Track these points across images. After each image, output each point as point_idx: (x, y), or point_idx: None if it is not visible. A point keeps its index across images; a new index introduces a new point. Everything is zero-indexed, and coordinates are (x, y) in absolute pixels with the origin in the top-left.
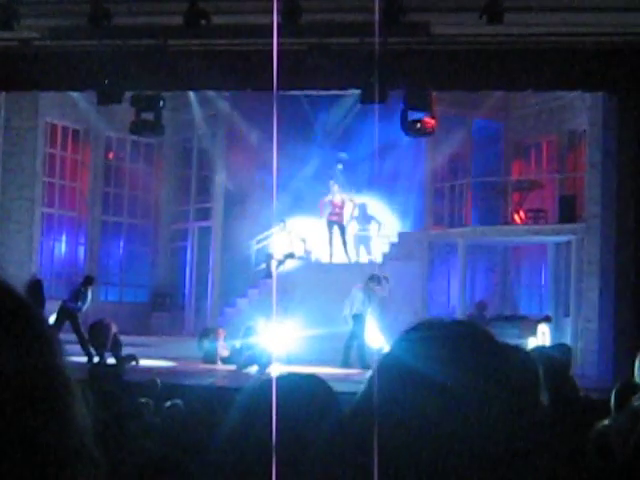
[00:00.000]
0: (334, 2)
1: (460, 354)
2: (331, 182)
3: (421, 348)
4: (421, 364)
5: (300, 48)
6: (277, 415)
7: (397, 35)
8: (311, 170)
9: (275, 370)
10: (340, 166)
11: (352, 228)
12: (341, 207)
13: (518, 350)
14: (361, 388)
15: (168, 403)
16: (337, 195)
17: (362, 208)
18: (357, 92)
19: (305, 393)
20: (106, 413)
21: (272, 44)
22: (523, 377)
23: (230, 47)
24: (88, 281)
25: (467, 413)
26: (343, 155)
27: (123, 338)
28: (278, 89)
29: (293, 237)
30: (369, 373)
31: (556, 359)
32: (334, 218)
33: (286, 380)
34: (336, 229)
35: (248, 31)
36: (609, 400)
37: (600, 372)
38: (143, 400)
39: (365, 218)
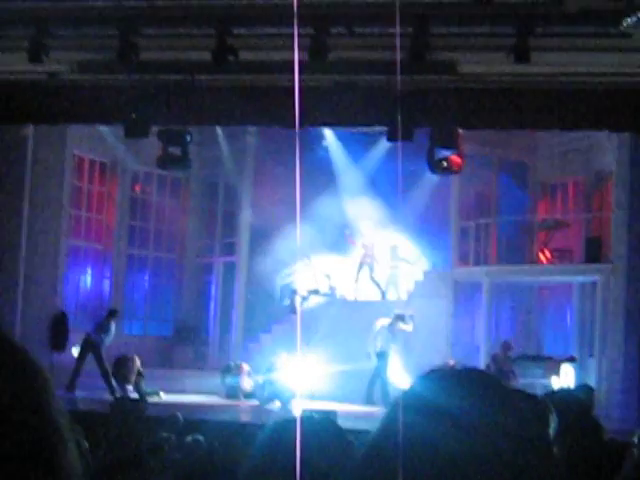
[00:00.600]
0: (361, 39)
1: (474, 394)
2: (362, 223)
3: (439, 386)
4: (441, 400)
5: (327, 85)
6: (299, 454)
7: (424, 73)
8: (338, 206)
9: (297, 406)
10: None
11: (382, 268)
12: (372, 248)
13: (528, 396)
14: (378, 425)
15: (189, 438)
16: (368, 237)
17: (394, 250)
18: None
19: (326, 433)
20: (127, 448)
21: (294, 79)
22: (531, 423)
23: (257, 83)
24: (112, 314)
25: (484, 450)
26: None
27: (146, 371)
28: (300, 126)
29: (317, 273)
30: (386, 410)
31: (579, 400)
32: (367, 261)
33: (307, 420)
34: (365, 269)
35: (275, 67)
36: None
37: (624, 413)
38: (164, 435)
39: (396, 258)
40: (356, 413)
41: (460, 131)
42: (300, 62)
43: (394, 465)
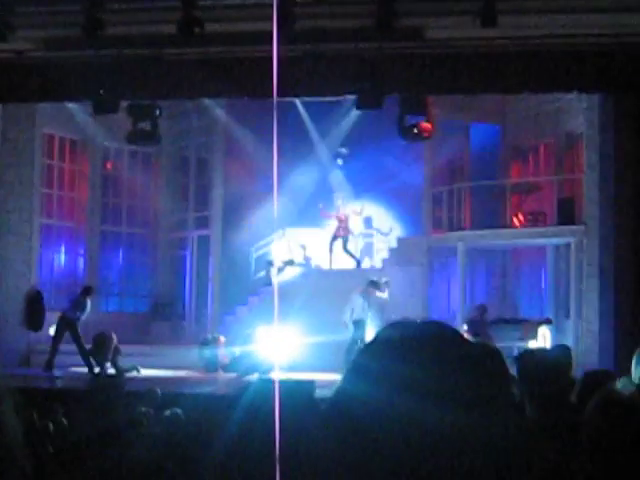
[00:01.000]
0: (328, 8)
1: (427, 350)
2: (335, 195)
3: (390, 348)
4: (390, 362)
5: (295, 55)
6: (278, 417)
7: (391, 40)
8: (310, 178)
9: (275, 377)
10: (340, 161)
11: (356, 239)
12: (346, 221)
13: (485, 345)
14: (336, 384)
15: (168, 412)
16: (341, 209)
17: (367, 221)
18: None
19: (303, 397)
20: (106, 423)
21: (272, 51)
22: (491, 365)
23: (226, 55)
24: (87, 291)
25: (435, 407)
26: (343, 150)
27: (124, 348)
28: (267, 96)
29: (292, 244)
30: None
31: (556, 359)
32: (340, 233)
33: (285, 384)
34: (339, 241)
35: (243, 38)
36: None
37: None
38: (143, 409)
39: (369, 229)
40: (334, 382)
41: (429, 97)
42: (268, 32)
43: (345, 434)
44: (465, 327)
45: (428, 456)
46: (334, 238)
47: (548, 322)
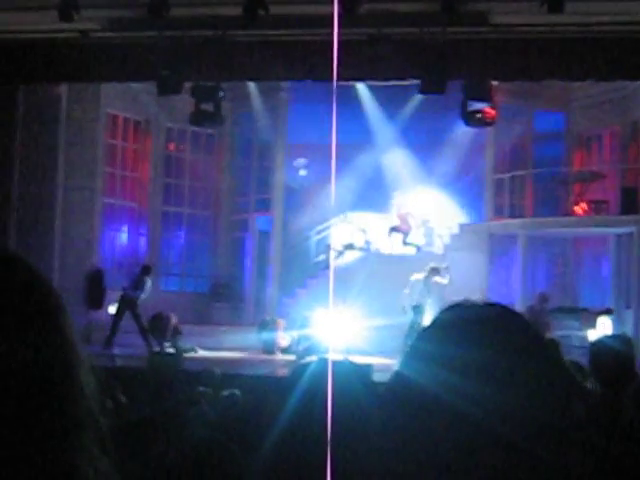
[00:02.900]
0: None
1: (488, 333)
2: (394, 194)
3: (451, 330)
4: (449, 345)
5: (359, 38)
6: (333, 399)
7: (456, 25)
8: (372, 162)
9: (334, 357)
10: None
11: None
12: (406, 219)
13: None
14: (395, 366)
15: (226, 392)
16: (401, 207)
17: (425, 224)
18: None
19: (361, 379)
20: (164, 402)
21: (332, 34)
22: (553, 352)
23: (289, 37)
24: (146, 270)
25: (494, 391)
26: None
27: (183, 328)
28: (337, 80)
29: (353, 228)
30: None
31: (620, 352)
32: (403, 227)
33: (342, 366)
34: (399, 235)
35: (307, 21)
36: None
37: None
38: (201, 389)
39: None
40: (392, 367)
41: (493, 83)
42: (332, 15)
43: (402, 418)
44: (525, 315)
45: (487, 440)
46: (394, 229)
47: (608, 312)
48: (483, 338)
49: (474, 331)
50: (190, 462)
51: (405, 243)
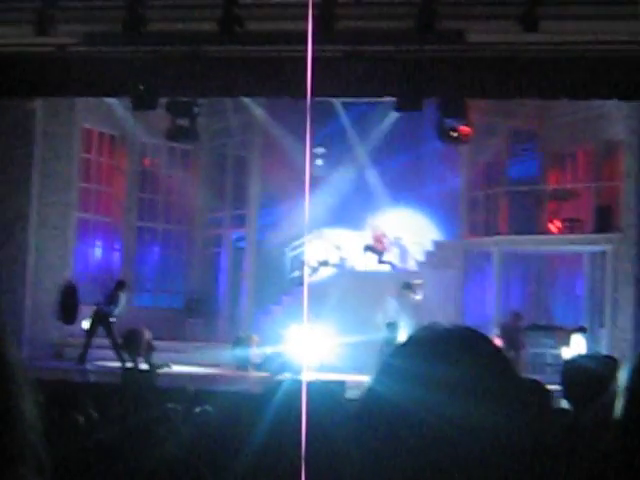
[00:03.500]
0: (369, 10)
1: (457, 350)
2: (370, 215)
3: (422, 348)
4: (421, 362)
5: (335, 55)
6: (306, 417)
7: (432, 43)
8: (347, 179)
9: (306, 377)
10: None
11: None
12: (382, 239)
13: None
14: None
15: (198, 409)
16: (377, 230)
17: (397, 243)
18: (392, 100)
19: (333, 397)
20: (136, 419)
21: (306, 51)
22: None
23: (265, 54)
24: (121, 285)
25: (465, 406)
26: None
27: (157, 344)
28: (312, 97)
29: (328, 245)
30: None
31: (594, 371)
32: (378, 247)
33: (315, 385)
34: (373, 255)
35: (282, 38)
36: None
37: None
38: (173, 406)
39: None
40: (366, 384)
41: (469, 101)
42: (308, 32)
43: (377, 428)
44: (498, 332)
45: (459, 454)
46: (369, 248)
47: (582, 330)
48: (452, 355)
49: (443, 349)
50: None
51: (380, 262)
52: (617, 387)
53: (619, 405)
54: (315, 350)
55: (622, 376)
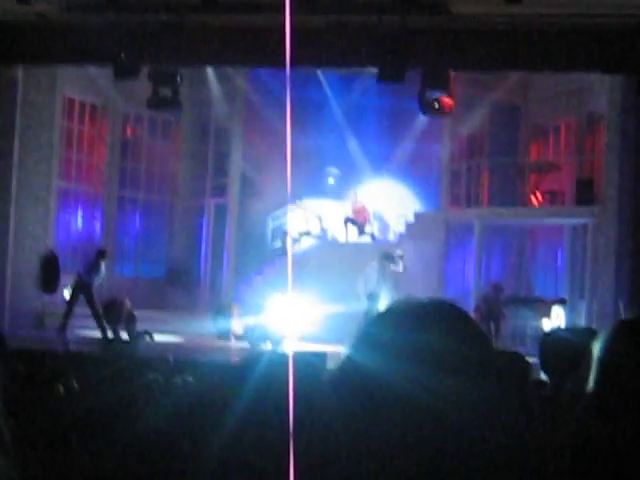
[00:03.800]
0: None
1: (433, 321)
2: (350, 193)
3: (398, 318)
4: (397, 332)
5: (318, 25)
6: (287, 388)
7: (416, 13)
8: (330, 150)
9: (288, 348)
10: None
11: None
12: (363, 211)
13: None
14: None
15: (178, 379)
16: (359, 203)
17: (378, 216)
18: (374, 71)
19: (314, 369)
20: (117, 389)
21: (284, 20)
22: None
23: (247, 23)
24: (101, 254)
25: (438, 374)
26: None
27: (138, 313)
28: (292, 66)
29: (309, 215)
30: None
31: (572, 343)
32: (359, 219)
33: (296, 356)
34: (354, 227)
35: (265, 7)
36: None
37: None
38: (154, 376)
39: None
40: (343, 353)
41: (452, 72)
42: (291, 2)
43: (352, 400)
44: (478, 303)
45: (431, 420)
46: (350, 220)
47: (562, 302)
48: (428, 327)
49: (420, 320)
50: (138, 455)
51: (361, 234)
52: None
53: (592, 376)
54: (296, 320)
55: (595, 348)
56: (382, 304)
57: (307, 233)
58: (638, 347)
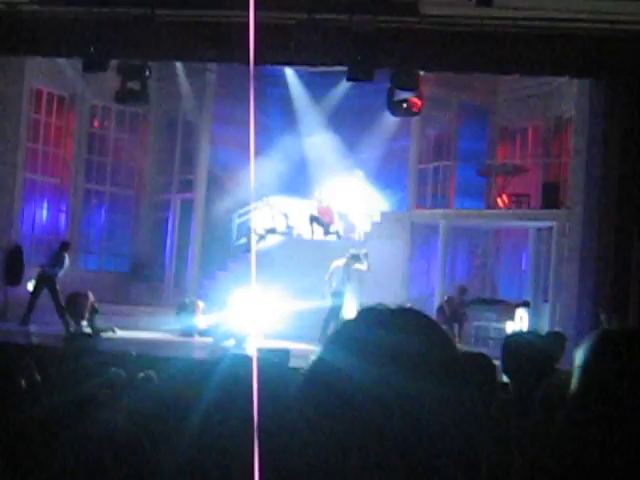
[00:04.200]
0: None
1: (404, 324)
2: (315, 189)
3: (369, 321)
4: (369, 333)
5: (288, 22)
6: (252, 386)
7: (386, 14)
8: (296, 147)
9: (252, 345)
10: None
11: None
12: (328, 212)
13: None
14: (311, 362)
15: (141, 374)
16: (324, 202)
17: (343, 217)
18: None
19: (278, 366)
20: (79, 383)
21: (248, 15)
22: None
23: (216, 18)
24: (65, 246)
25: (411, 376)
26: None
27: (102, 307)
28: (260, 63)
29: (275, 212)
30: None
31: (534, 346)
32: (325, 219)
33: (261, 356)
34: (319, 227)
35: (234, 3)
36: None
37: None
38: (116, 371)
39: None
40: (310, 352)
41: (421, 73)
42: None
43: (324, 397)
44: (442, 304)
45: (404, 422)
46: (315, 219)
47: (526, 304)
48: (398, 328)
49: (389, 323)
50: (100, 451)
51: (326, 233)
52: (570, 366)
53: (573, 384)
54: (260, 317)
55: (577, 356)
56: (347, 302)
57: (273, 230)
58: (621, 357)
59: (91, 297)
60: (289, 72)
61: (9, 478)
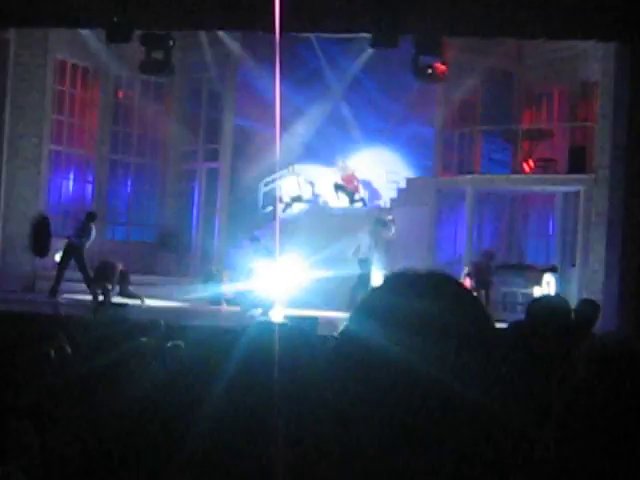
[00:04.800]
0: None
1: (431, 292)
2: (339, 161)
3: (396, 287)
4: (395, 303)
5: None
6: (278, 359)
7: None
8: (321, 115)
9: (279, 313)
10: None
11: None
12: (352, 179)
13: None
14: (340, 329)
15: (170, 344)
16: (348, 171)
17: (367, 184)
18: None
19: (305, 334)
20: (108, 353)
21: None
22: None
23: None
24: (91, 217)
25: (437, 345)
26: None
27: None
28: (282, 31)
29: (301, 180)
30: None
31: (560, 309)
32: (349, 187)
33: (289, 322)
34: (345, 193)
35: None
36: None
37: (605, 323)
38: (145, 340)
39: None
40: (338, 320)
41: (445, 39)
42: None
43: (352, 367)
44: (469, 270)
45: (431, 390)
46: (340, 188)
47: (553, 270)
48: (425, 297)
49: (417, 290)
50: (129, 420)
51: (352, 201)
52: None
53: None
54: (287, 285)
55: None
56: (374, 269)
57: (299, 198)
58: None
59: (120, 266)
60: (314, 40)
61: (39, 441)
